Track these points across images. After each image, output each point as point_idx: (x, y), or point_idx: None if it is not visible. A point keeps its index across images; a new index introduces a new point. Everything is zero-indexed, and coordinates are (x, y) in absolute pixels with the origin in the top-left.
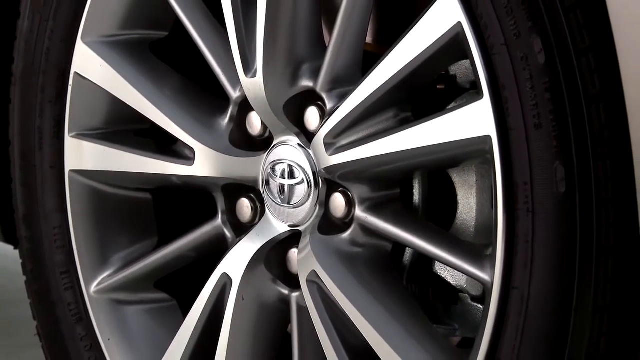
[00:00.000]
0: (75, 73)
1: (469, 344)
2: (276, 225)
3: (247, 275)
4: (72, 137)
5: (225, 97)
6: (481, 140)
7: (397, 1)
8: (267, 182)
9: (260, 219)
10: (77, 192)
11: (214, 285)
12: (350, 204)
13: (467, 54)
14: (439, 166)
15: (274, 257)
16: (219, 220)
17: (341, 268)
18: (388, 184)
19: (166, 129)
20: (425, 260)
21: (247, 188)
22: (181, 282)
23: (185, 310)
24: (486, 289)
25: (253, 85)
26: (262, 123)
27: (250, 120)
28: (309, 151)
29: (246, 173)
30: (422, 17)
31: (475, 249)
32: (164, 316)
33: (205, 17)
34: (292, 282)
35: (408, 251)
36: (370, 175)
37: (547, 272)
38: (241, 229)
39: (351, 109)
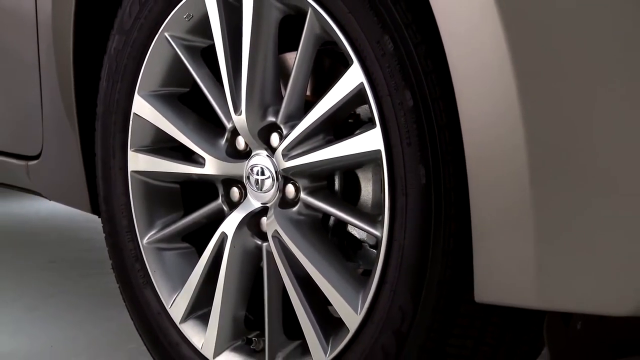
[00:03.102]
0: (134, 113)
1: (368, 273)
2: (253, 203)
3: (236, 232)
4: (133, 151)
5: (222, 127)
6: (375, 152)
7: (324, 71)
8: (248, 178)
9: (244, 199)
10: (135, 183)
11: (217, 238)
12: (297, 190)
13: (366, 101)
14: (349, 167)
15: (252, 222)
16: (219, 200)
17: (292, 229)
18: (320, 178)
19: (188, 146)
20: (342, 224)
21: (236, 181)
22: (197, 236)
23: (200, 253)
24: (378, 240)
25: (240, 119)
26: (245, 142)
27: (238, 141)
28: (273, 159)
29: (236, 172)
30: (339, 79)
31: (372, 216)
32: (187, 258)
33: (210, 79)
34: (263, 236)
35: (332, 218)
36: (310, 173)
37: (414, 231)
38: (233, 205)
39: (298, 134)
